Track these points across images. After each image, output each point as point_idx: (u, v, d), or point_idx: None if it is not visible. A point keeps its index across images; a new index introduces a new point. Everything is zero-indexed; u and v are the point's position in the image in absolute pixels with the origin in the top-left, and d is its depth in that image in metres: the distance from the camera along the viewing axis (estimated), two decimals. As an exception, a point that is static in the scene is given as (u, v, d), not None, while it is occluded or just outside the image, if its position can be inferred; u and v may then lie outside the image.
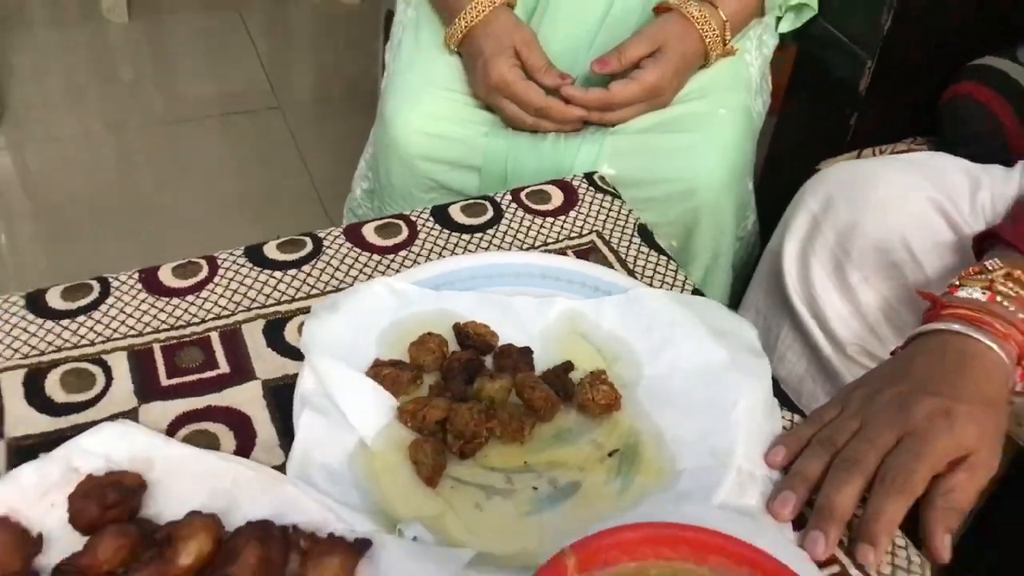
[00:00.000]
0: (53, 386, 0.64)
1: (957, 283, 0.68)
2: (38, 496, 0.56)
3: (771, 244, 0.91)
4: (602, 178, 0.88)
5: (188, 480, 0.57)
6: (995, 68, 0.98)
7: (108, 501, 0.53)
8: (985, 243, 0.73)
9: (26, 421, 0.62)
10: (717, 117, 0.97)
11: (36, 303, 0.70)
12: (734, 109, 0.98)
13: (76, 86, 2.17)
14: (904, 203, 0.80)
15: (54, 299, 0.71)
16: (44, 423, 0.62)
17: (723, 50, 1.00)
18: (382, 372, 0.65)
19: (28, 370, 0.65)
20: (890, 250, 0.79)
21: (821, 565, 0.57)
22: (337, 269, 0.76)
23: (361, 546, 0.53)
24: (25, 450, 0.60)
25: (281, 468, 0.59)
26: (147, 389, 0.64)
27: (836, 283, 0.82)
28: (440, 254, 0.78)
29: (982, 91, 0.99)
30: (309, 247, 0.77)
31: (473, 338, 0.68)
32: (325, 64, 2.38)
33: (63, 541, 0.54)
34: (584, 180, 0.87)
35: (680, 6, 0.97)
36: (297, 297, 0.73)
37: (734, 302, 1.00)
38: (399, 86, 1.00)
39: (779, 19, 1.08)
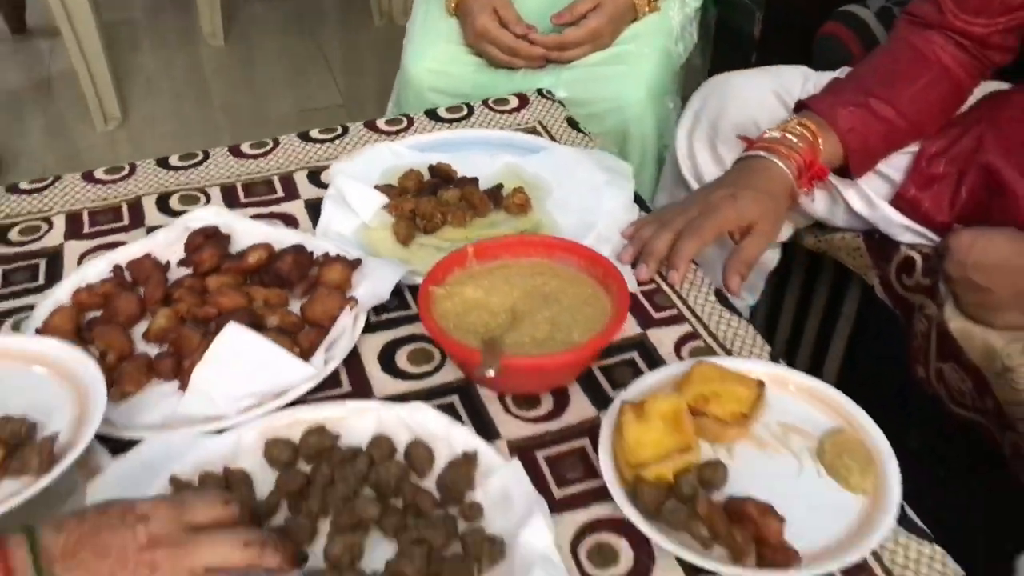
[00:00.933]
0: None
1: (766, 131, 1.01)
2: (167, 244, 0.93)
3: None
4: (549, 91, 1.23)
5: (254, 230, 0.93)
6: (851, 12, 1.30)
7: (208, 231, 0.90)
8: (800, 110, 1.06)
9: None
10: (642, 55, 1.32)
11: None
12: (655, 49, 1.33)
13: (180, 98, 2.62)
14: (753, 95, 1.13)
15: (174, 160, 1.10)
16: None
17: (650, 7, 1.35)
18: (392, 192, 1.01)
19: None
20: (745, 127, 1.12)
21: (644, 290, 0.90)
22: (357, 144, 1.13)
23: (356, 263, 0.89)
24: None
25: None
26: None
27: (710, 155, 1.15)
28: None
29: (841, 30, 1.31)
30: (339, 131, 1.15)
31: (439, 171, 1.04)
32: (388, 81, 2.78)
33: (182, 272, 0.91)
34: (535, 93, 1.23)
35: (614, -26, 1.33)
36: (329, 158, 1.10)
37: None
38: (414, 40, 1.38)
39: (702, -15, 1.44)
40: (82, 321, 0.85)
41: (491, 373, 0.72)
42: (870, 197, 1.05)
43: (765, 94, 1.13)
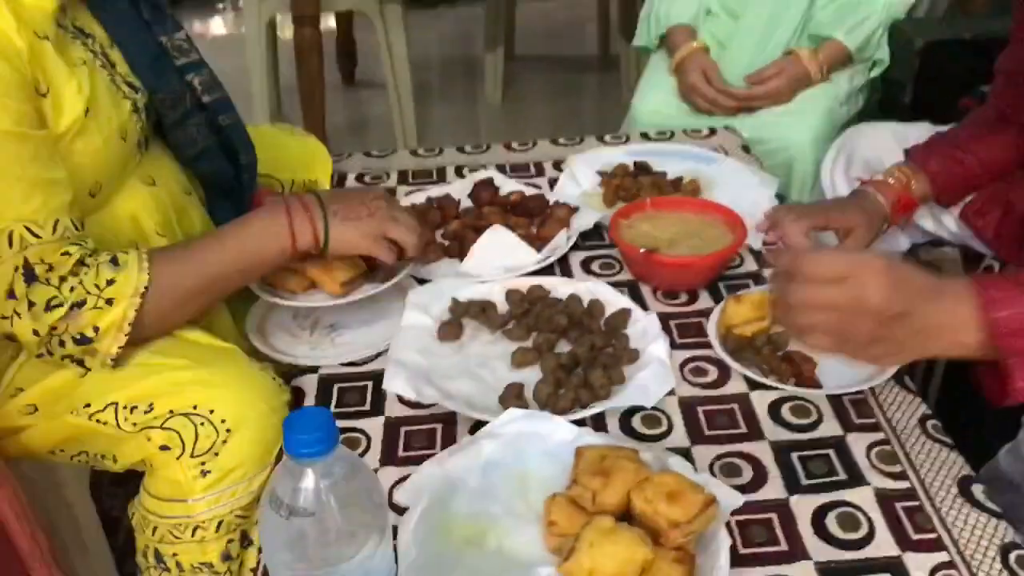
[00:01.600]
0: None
1: (876, 175, 1.40)
2: (461, 190, 1.46)
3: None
4: (733, 128, 1.68)
5: (513, 186, 1.45)
6: (985, 92, 1.65)
7: (486, 180, 1.43)
8: (907, 157, 1.43)
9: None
10: (811, 111, 1.75)
11: (461, 147, 1.65)
12: (823, 108, 1.76)
13: (462, 142, 3.27)
14: (880, 142, 1.51)
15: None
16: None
17: (822, 77, 1.78)
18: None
19: (457, 164, 1.59)
20: (871, 165, 1.51)
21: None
22: (590, 150, 1.63)
23: (574, 209, 1.37)
24: (455, 182, 1.52)
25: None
26: (502, 173, 1.55)
27: (845, 184, 1.54)
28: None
29: (974, 105, 1.65)
30: (577, 140, 1.66)
31: (640, 165, 1.51)
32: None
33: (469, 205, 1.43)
34: (723, 128, 1.69)
35: (796, 51, 1.77)
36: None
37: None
38: (642, 90, 1.89)
39: (874, 65, 1.84)
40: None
41: (642, 250, 1.18)
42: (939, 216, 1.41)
43: (890, 142, 1.51)
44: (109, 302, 0.95)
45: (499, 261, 1.27)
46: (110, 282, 0.95)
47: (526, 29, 3.85)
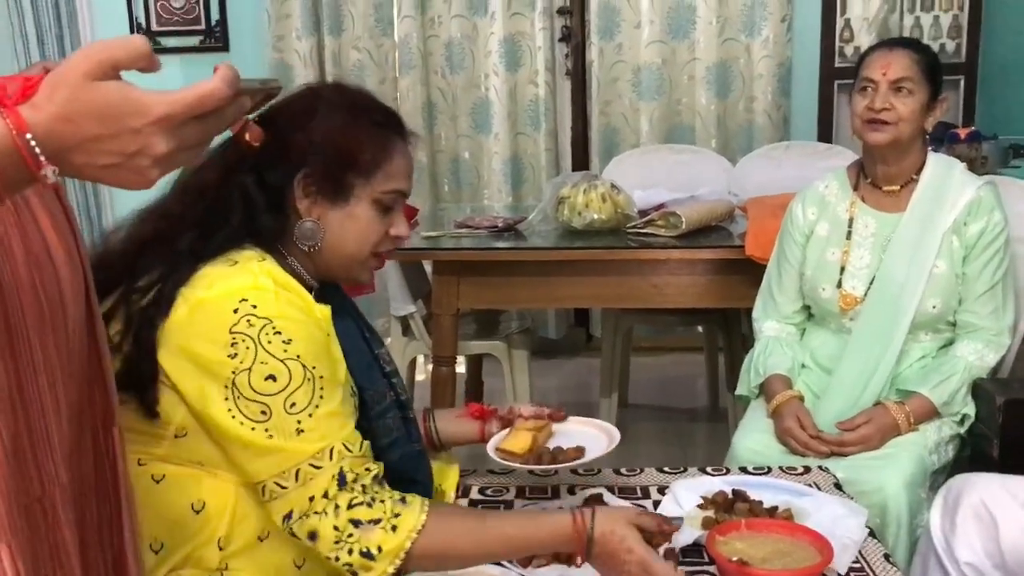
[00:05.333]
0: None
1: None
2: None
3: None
4: (827, 468, 1.82)
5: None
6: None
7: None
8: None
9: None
10: (901, 458, 1.88)
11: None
12: (912, 455, 1.89)
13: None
14: (988, 493, 1.62)
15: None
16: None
17: (910, 427, 1.93)
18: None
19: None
20: (980, 515, 1.60)
21: None
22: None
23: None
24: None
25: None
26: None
27: (951, 528, 1.63)
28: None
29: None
30: (681, 469, 1.83)
31: (738, 493, 1.66)
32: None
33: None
34: (816, 466, 1.83)
35: (884, 402, 1.95)
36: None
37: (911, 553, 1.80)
38: (742, 430, 2.08)
39: (962, 419, 1.99)
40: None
41: (734, 558, 1.30)
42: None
43: (997, 492, 1.62)
44: (394, 528, 1.19)
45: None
46: (396, 514, 1.20)
47: (639, 381, 4.14)
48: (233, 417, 1.20)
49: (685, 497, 1.66)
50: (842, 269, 2.12)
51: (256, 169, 1.30)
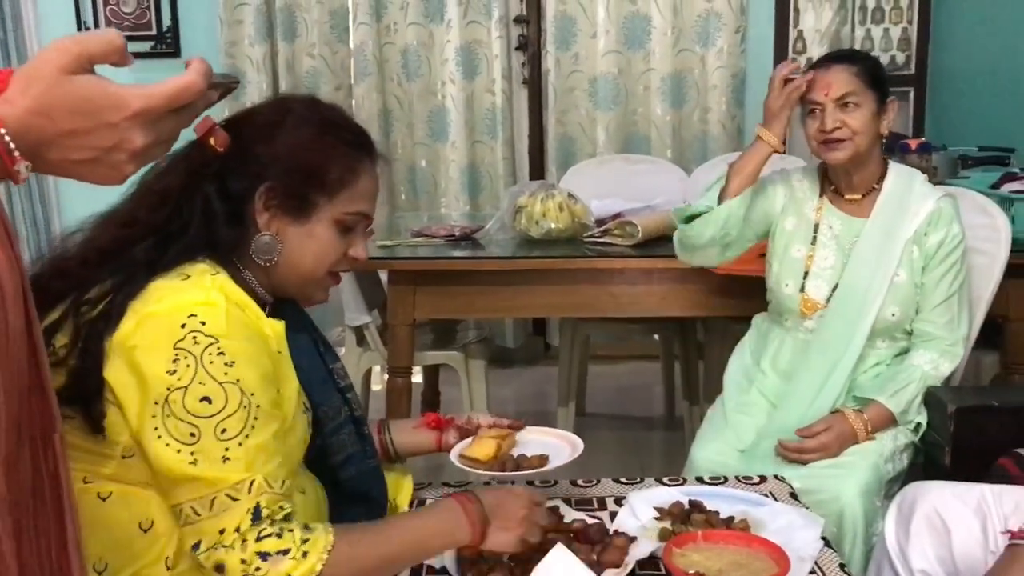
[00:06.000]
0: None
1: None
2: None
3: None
4: (783, 477, 1.83)
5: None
6: (1020, 454, 1.78)
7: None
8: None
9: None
10: (857, 466, 1.89)
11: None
12: (868, 463, 1.90)
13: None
14: (941, 502, 1.63)
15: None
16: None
17: (866, 436, 1.95)
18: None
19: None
20: (931, 520, 1.62)
21: None
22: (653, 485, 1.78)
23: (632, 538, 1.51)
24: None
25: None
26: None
27: (905, 537, 1.64)
28: (695, 490, 1.77)
29: (1011, 465, 1.77)
30: (638, 479, 1.82)
31: (694, 503, 1.65)
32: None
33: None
34: (772, 477, 1.83)
35: (844, 410, 1.97)
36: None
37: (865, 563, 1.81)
38: (701, 439, 2.08)
39: (916, 428, 2.01)
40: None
41: (692, 572, 1.29)
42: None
43: (950, 500, 1.64)
44: (304, 555, 1.15)
45: (561, 582, 1.39)
46: (305, 540, 1.16)
47: (596, 389, 4.15)
48: (159, 437, 1.16)
49: (641, 508, 1.65)
50: (806, 273, 2.14)
51: (219, 176, 1.28)
